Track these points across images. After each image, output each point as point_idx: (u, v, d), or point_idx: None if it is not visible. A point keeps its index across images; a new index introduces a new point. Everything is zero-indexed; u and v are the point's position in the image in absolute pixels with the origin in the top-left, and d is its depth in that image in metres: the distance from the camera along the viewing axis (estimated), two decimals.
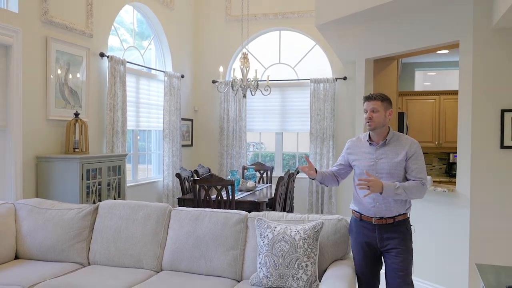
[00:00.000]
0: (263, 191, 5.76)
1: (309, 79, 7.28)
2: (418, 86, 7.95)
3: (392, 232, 2.79)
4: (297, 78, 7.58)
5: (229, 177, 5.69)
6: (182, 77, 7.23)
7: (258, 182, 6.80)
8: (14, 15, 4.11)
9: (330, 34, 5.27)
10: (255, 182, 6.22)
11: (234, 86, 5.85)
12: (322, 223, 2.94)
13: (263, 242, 2.94)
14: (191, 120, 7.78)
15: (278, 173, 7.55)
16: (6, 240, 3.47)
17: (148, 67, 6.59)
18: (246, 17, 7.16)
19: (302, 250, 2.83)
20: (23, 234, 3.56)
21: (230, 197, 4.76)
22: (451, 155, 7.23)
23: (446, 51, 5.69)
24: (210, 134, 7.93)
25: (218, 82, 6.70)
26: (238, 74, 5.89)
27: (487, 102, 3.78)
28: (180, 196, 5.98)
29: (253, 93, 5.97)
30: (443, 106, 7.03)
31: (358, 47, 5.28)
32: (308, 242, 2.85)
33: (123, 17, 6.13)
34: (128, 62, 5.73)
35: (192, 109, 7.84)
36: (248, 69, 5.77)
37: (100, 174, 4.58)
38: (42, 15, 4.41)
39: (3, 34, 3.96)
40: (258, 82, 6.00)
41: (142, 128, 6.43)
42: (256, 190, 5.75)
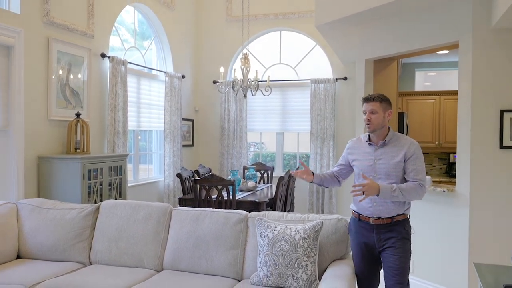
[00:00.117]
0: (264, 191, 5.77)
1: (309, 79, 7.29)
2: (419, 86, 7.96)
3: (389, 232, 2.79)
4: (297, 78, 7.59)
5: (229, 177, 5.70)
6: (183, 77, 7.25)
7: (259, 182, 6.81)
8: (16, 16, 4.14)
9: (330, 34, 5.29)
10: (256, 182, 6.23)
11: (234, 87, 5.87)
12: (322, 223, 2.96)
13: (263, 242, 2.96)
14: (192, 120, 7.80)
15: (278, 173, 7.56)
16: (8, 239, 3.50)
17: (149, 68, 6.61)
18: (247, 17, 7.17)
19: (302, 250, 2.85)
20: (25, 234, 3.58)
21: (231, 197, 4.78)
22: (451, 155, 7.24)
23: (446, 52, 5.70)
24: (211, 134, 7.94)
25: (218, 82, 6.72)
26: (239, 75, 5.91)
27: (487, 103, 3.80)
28: (181, 196, 5.99)
29: (253, 93, 5.98)
30: (443, 106, 7.05)
31: (358, 48, 5.29)
32: (308, 242, 2.87)
33: (124, 17, 6.15)
34: (129, 62, 5.75)
35: (193, 109, 7.86)
36: (248, 69, 5.79)
37: (101, 174, 4.60)
38: (44, 16, 4.44)
39: (5, 35, 3.99)
40: (259, 82, 6.01)
41: (143, 128, 6.45)
42: (256, 190, 5.77)
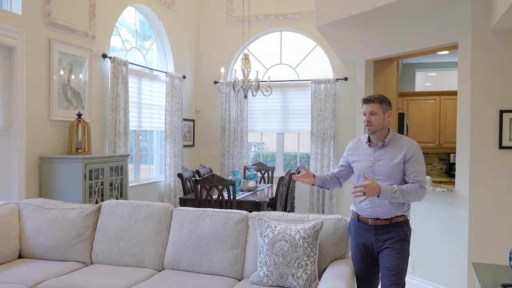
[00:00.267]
0: (264, 191, 5.79)
1: (310, 80, 7.31)
2: (419, 87, 7.97)
3: (388, 233, 2.77)
4: (298, 79, 7.61)
5: (230, 177, 5.72)
6: (184, 77, 7.27)
7: (259, 182, 6.83)
8: (17, 17, 4.16)
9: (330, 35, 5.30)
10: (256, 182, 6.24)
11: (235, 87, 5.89)
12: (322, 223, 2.98)
13: (264, 242, 2.97)
14: (193, 120, 7.82)
15: (279, 173, 7.58)
16: (10, 239, 3.52)
17: (150, 68, 6.63)
18: (247, 18, 7.19)
19: (302, 250, 2.87)
20: (27, 234, 3.60)
21: (231, 197, 4.79)
22: (452, 155, 7.25)
23: (447, 52, 5.71)
24: (212, 135, 7.96)
25: (219, 82, 6.74)
26: (240, 75, 5.92)
27: (486, 103, 3.81)
28: (181, 196, 6.01)
29: (254, 93, 6.00)
30: (444, 107, 7.06)
31: (358, 48, 5.31)
32: (308, 242, 2.89)
33: (125, 17, 6.17)
34: (130, 63, 5.78)
35: (193, 109, 7.88)
36: (249, 69, 5.80)
37: (102, 174, 4.63)
38: (45, 17, 4.46)
39: (7, 36, 4.01)
40: (259, 82, 6.03)
41: (144, 128, 6.47)
42: (257, 190, 5.78)
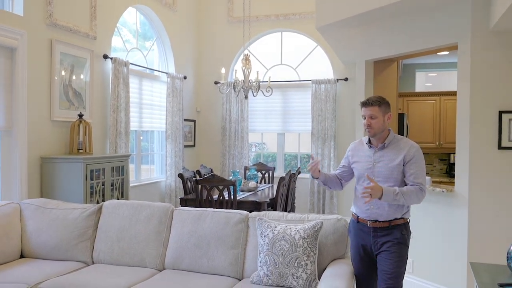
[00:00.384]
0: (265, 191, 5.81)
1: (310, 80, 7.32)
2: (420, 87, 7.98)
3: (386, 236, 2.76)
4: (298, 79, 7.62)
5: (231, 177, 5.74)
6: (185, 78, 7.29)
7: (260, 183, 6.84)
8: (19, 18, 4.18)
9: (330, 35, 5.32)
10: (257, 183, 6.27)
11: (236, 87, 5.91)
12: (322, 223, 3.00)
13: (264, 241, 2.99)
14: (194, 120, 7.84)
15: (280, 173, 7.59)
16: (11, 239, 3.54)
17: (151, 69, 6.65)
18: (248, 18, 7.20)
19: (302, 249, 2.88)
20: (28, 234, 3.62)
21: (232, 197, 4.81)
22: (452, 156, 7.26)
23: (447, 52, 5.73)
24: (212, 135, 7.98)
25: (220, 83, 6.76)
26: (240, 76, 5.94)
27: (485, 104, 3.82)
28: (182, 196, 6.03)
29: (254, 94, 6.02)
30: (444, 107, 7.07)
31: (358, 49, 5.32)
32: (307, 242, 2.91)
33: (126, 18, 6.19)
34: (131, 63, 5.80)
35: (194, 110, 7.90)
36: (249, 70, 5.82)
37: (103, 174, 4.65)
38: (47, 18, 4.48)
39: (9, 37, 4.03)
40: (260, 83, 6.05)
41: (145, 129, 6.49)
42: (257, 190, 5.80)
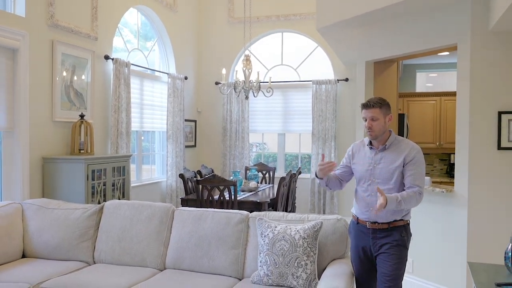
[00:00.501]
0: (265, 192, 5.83)
1: (311, 81, 7.34)
2: (420, 87, 7.99)
3: (385, 237, 2.75)
4: (299, 80, 7.64)
5: (231, 177, 5.76)
6: (186, 78, 7.31)
7: (261, 183, 6.86)
8: (21, 19, 4.20)
9: (330, 36, 5.33)
10: (258, 183, 6.28)
11: (236, 88, 5.93)
12: (321, 223, 3.01)
13: (264, 241, 3.01)
14: (195, 121, 7.86)
15: (280, 173, 7.61)
16: (13, 239, 3.56)
17: (152, 69, 6.68)
18: (249, 19, 7.23)
19: (302, 249, 2.90)
20: (30, 234, 3.65)
21: (233, 197, 4.83)
22: (452, 156, 7.26)
23: (447, 53, 5.74)
24: (213, 135, 8.00)
25: (221, 83, 6.77)
26: (241, 76, 5.96)
27: (485, 104, 3.83)
28: (183, 196, 6.05)
29: (255, 94, 6.04)
30: (444, 107, 7.08)
31: (358, 50, 5.34)
32: (307, 242, 2.92)
33: (127, 18, 6.21)
34: (132, 64, 5.82)
35: (195, 110, 7.92)
36: (250, 71, 5.84)
37: (105, 174, 4.67)
38: (48, 19, 4.50)
39: (10, 38, 4.05)
40: (260, 83, 6.07)
41: (146, 129, 6.51)
42: (258, 191, 5.82)
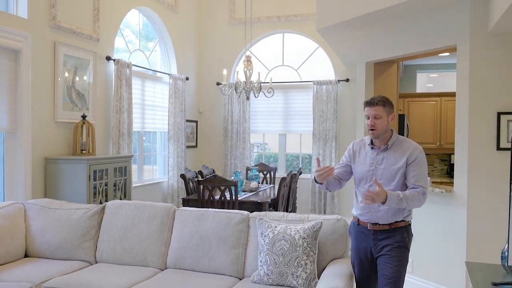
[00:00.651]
0: (266, 192, 5.85)
1: (312, 81, 7.36)
2: (421, 88, 8.00)
3: (386, 239, 2.72)
4: (300, 80, 7.66)
5: (232, 178, 5.78)
6: (187, 79, 7.34)
7: (262, 183, 6.88)
8: (23, 21, 4.24)
9: (331, 37, 5.35)
10: (258, 183, 6.30)
11: (237, 89, 5.95)
12: (321, 223, 3.03)
13: (264, 241, 3.03)
14: (196, 121, 7.88)
15: (281, 173, 7.62)
16: (16, 239, 3.59)
17: (153, 70, 6.70)
18: (250, 20, 7.25)
19: (302, 249, 2.92)
20: (33, 233, 3.68)
21: (234, 197, 4.85)
22: (452, 156, 7.28)
23: (447, 53, 5.75)
24: (214, 135, 8.03)
25: (222, 84, 6.80)
26: (242, 77, 5.98)
27: (484, 105, 3.85)
28: (184, 196, 6.07)
29: (256, 95, 6.06)
30: (444, 108, 7.09)
31: (358, 51, 5.36)
32: (307, 241, 2.94)
33: (129, 19, 6.24)
34: (133, 65, 5.84)
35: (196, 110, 7.95)
36: (251, 71, 5.87)
37: (106, 175, 4.70)
38: (51, 20, 4.54)
39: (13, 39, 4.09)
40: (261, 84, 6.09)
41: (148, 129, 6.54)
42: (259, 191, 5.84)
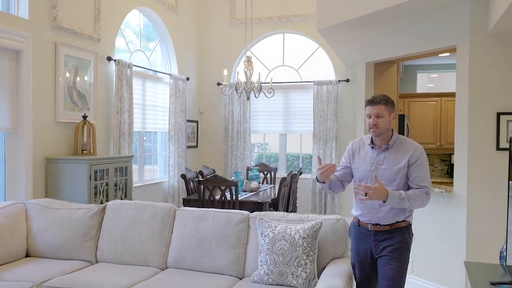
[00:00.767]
0: (267, 192, 5.86)
1: (312, 81, 7.37)
2: (421, 88, 8.01)
3: (387, 240, 2.70)
4: (300, 80, 7.67)
5: (233, 178, 5.79)
6: (187, 79, 7.35)
7: (262, 183, 6.89)
8: (24, 21, 4.25)
9: (331, 37, 5.36)
10: (259, 183, 6.31)
11: (238, 89, 5.96)
12: (321, 223, 3.04)
13: (264, 241, 3.04)
14: (196, 121, 7.90)
15: (282, 173, 7.63)
16: (17, 238, 3.61)
17: (154, 70, 6.72)
18: (250, 20, 7.26)
19: (302, 249, 2.93)
20: (34, 233, 3.69)
21: (234, 197, 4.87)
22: (453, 156, 7.28)
23: (448, 54, 5.75)
24: (215, 136, 8.04)
25: (222, 84, 6.81)
26: (242, 77, 6.00)
27: (484, 105, 3.86)
28: (185, 196, 6.09)
29: (256, 95, 6.08)
30: (445, 108, 7.10)
31: (358, 51, 5.37)
32: (307, 241, 2.95)
33: (129, 19, 6.25)
34: (134, 65, 5.86)
35: (197, 110, 7.96)
36: (252, 72, 5.88)
37: (107, 175, 4.71)
38: (52, 21, 4.55)
39: (14, 40, 4.10)
40: (262, 84, 6.10)
41: (148, 129, 6.56)
42: (259, 191, 5.85)
